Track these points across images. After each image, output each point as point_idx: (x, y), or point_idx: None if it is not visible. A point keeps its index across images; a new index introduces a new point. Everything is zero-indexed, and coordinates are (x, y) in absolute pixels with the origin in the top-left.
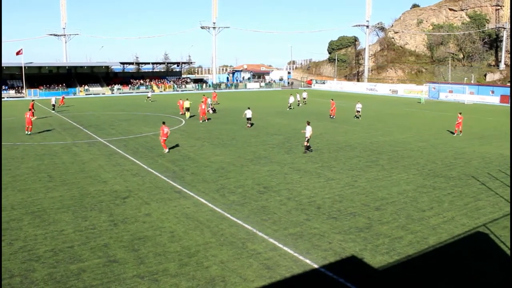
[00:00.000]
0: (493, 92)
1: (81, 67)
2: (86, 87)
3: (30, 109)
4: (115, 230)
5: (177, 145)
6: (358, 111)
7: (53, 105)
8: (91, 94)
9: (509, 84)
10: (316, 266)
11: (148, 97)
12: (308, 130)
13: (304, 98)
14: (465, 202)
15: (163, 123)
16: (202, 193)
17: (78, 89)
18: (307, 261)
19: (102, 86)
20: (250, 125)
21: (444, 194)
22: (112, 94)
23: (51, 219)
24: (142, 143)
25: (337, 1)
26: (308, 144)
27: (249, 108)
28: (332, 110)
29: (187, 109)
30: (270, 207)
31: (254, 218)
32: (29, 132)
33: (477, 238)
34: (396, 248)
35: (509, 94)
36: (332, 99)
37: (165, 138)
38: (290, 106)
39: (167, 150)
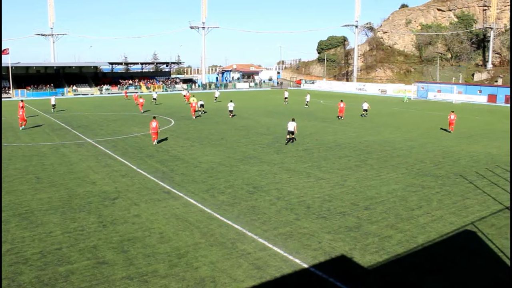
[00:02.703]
0: (480, 91)
1: (69, 67)
2: (75, 87)
3: (22, 107)
4: (104, 231)
5: (165, 144)
6: (365, 110)
7: (53, 105)
8: (79, 94)
9: (496, 83)
10: (305, 265)
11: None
12: (291, 125)
13: (286, 98)
14: (453, 200)
15: (154, 117)
16: (192, 194)
17: (66, 89)
18: (297, 260)
19: (90, 86)
20: (232, 116)
21: (432, 193)
22: (101, 94)
23: (39, 221)
24: (132, 143)
25: (326, 1)
26: (289, 137)
27: (231, 101)
28: (340, 111)
29: (202, 106)
30: (259, 207)
31: (243, 218)
32: (22, 128)
33: (466, 236)
34: (385, 247)
35: (496, 93)
36: (342, 100)
37: (154, 131)
38: (306, 104)
39: (154, 142)
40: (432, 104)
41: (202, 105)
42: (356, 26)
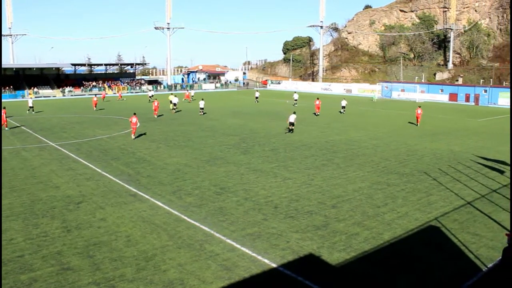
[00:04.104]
0: (442, 90)
1: (30, 68)
2: (36, 89)
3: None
4: (68, 236)
5: (131, 146)
6: (343, 107)
7: (31, 107)
8: (41, 96)
9: (456, 82)
10: (274, 265)
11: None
12: (292, 117)
13: (257, 97)
14: (417, 197)
15: (134, 114)
16: (158, 196)
17: (27, 91)
18: (266, 260)
19: (52, 88)
20: (202, 114)
21: (397, 190)
22: (64, 96)
23: None
24: (96, 146)
25: (291, 1)
26: (290, 127)
27: (202, 100)
28: (317, 108)
29: (174, 104)
30: (227, 208)
31: (211, 220)
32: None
33: (430, 232)
34: (352, 244)
35: (456, 92)
36: (318, 98)
37: (133, 127)
38: (295, 103)
39: (133, 136)
40: (396, 103)
41: (175, 104)
42: (321, 27)
